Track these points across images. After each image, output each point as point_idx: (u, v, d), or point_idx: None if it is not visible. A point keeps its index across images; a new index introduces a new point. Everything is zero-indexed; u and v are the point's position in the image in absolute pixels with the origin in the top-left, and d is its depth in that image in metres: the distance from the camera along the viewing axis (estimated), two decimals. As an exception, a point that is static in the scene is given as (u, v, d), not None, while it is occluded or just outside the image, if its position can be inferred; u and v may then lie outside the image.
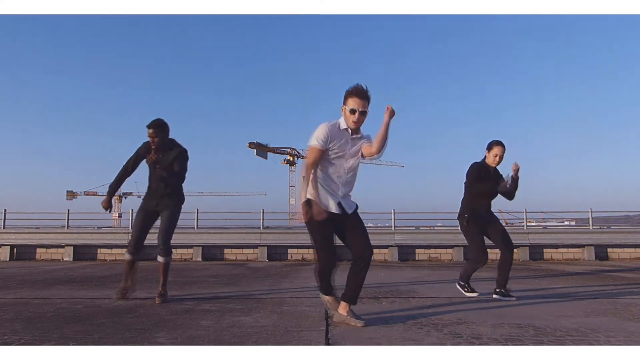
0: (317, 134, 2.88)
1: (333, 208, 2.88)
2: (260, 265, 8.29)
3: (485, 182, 4.12)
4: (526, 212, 10.69)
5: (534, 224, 12.80)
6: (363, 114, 2.87)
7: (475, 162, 4.22)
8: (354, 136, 2.95)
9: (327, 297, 3.08)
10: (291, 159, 77.00)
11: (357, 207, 3.05)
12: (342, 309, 2.91)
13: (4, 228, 10.66)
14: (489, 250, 4.07)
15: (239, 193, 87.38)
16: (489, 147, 4.14)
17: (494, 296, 4.03)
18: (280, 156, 78.22)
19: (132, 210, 10.46)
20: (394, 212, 10.59)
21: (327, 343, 2.40)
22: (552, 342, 2.41)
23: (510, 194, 4.17)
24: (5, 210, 10.79)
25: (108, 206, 3.98)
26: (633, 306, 3.61)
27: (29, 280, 5.66)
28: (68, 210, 10.87)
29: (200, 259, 10.02)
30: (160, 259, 3.96)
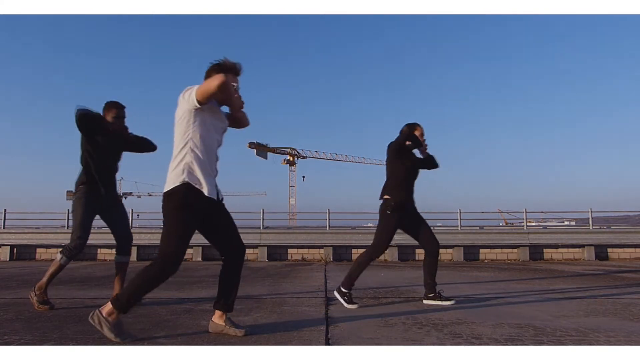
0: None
1: (211, 192, 2.42)
2: (260, 265, 8.28)
3: (408, 159, 3.75)
4: (526, 212, 10.69)
5: (534, 224, 12.79)
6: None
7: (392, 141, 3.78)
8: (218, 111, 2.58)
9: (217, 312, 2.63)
10: (291, 159, 76.88)
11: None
12: (218, 318, 2.58)
13: (4, 228, 10.66)
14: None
15: (238, 193, 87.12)
16: (413, 129, 3.76)
17: (425, 302, 3.69)
18: (280, 156, 78.08)
19: (132, 210, 10.46)
20: (394, 212, 10.56)
21: (327, 343, 2.40)
22: (552, 342, 2.41)
23: (427, 162, 3.86)
24: (5, 210, 10.79)
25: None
26: (633, 306, 3.61)
27: (29, 280, 5.65)
28: (68, 210, 10.86)
29: (200, 259, 10.02)
30: (124, 258, 3.77)
